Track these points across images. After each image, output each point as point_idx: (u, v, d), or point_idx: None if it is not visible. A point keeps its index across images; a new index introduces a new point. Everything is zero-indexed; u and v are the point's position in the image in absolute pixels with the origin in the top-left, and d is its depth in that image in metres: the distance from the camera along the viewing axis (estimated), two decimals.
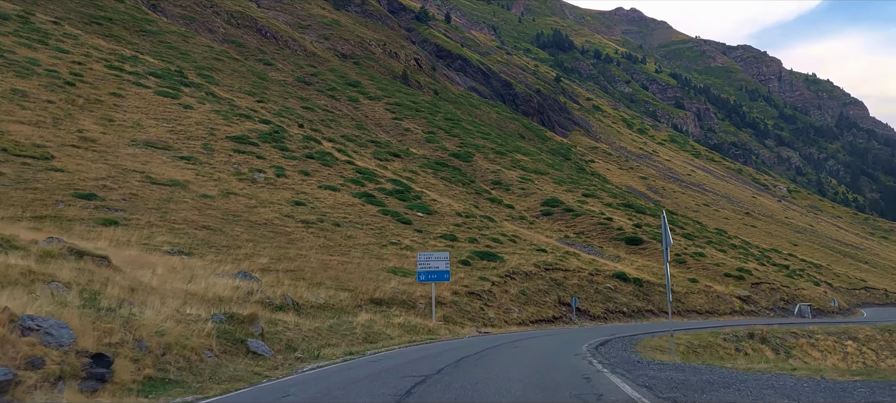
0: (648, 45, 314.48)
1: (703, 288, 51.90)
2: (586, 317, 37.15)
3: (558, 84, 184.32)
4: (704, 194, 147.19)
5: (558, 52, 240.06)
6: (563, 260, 42.83)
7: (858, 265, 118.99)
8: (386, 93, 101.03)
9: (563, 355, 14.64)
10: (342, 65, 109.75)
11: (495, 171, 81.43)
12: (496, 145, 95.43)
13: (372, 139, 71.90)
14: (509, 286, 33.72)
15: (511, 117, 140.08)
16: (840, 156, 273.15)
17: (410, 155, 71.82)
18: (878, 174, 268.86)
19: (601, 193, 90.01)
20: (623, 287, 43.68)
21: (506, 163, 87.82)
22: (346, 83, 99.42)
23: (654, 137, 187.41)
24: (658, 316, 43.25)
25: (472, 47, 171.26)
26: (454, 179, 67.79)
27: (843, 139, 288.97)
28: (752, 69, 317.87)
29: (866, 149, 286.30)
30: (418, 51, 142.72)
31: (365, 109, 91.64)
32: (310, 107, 75.32)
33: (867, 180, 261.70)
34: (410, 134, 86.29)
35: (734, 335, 31.11)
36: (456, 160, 79.98)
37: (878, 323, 49.05)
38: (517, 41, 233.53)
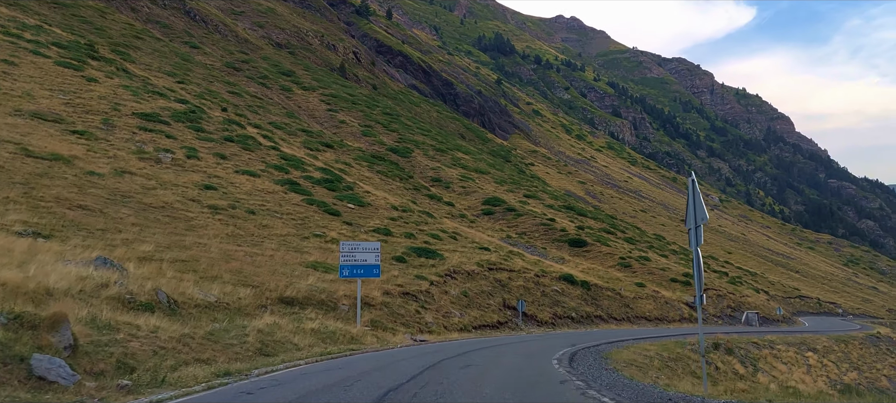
0: (587, 53, 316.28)
1: (651, 294, 48.80)
2: (533, 322, 33.17)
3: (499, 87, 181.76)
4: (641, 200, 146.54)
5: (499, 56, 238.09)
6: (507, 260, 38.83)
7: (790, 274, 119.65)
8: (321, 85, 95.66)
9: (539, 379, 10.34)
10: (276, 53, 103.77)
11: (435, 169, 77.25)
12: (436, 142, 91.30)
13: (303, 128, 66.67)
14: (450, 286, 29.43)
15: (452, 117, 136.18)
16: (767, 169, 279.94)
17: (345, 146, 66.94)
18: (803, 187, 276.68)
19: (542, 195, 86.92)
20: (571, 290, 39.98)
21: (446, 160, 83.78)
22: (280, 72, 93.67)
23: (592, 143, 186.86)
24: (608, 322, 39.72)
25: (413, 45, 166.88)
26: (391, 174, 63.23)
27: (770, 152, 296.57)
28: (686, 81, 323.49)
29: (792, 162, 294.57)
30: (358, 45, 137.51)
31: (298, 99, 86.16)
32: (237, 92, 69.53)
33: (792, 192, 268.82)
34: (346, 126, 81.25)
35: (708, 346, 27.58)
36: (394, 155, 75.40)
37: (830, 333, 46.94)
38: (459, 43, 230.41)
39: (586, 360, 15.52)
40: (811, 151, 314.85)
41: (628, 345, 22.70)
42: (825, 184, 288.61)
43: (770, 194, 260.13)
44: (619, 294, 45.00)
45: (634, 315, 43.51)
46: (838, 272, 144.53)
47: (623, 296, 44.98)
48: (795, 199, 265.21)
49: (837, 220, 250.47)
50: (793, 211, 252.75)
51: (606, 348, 20.88)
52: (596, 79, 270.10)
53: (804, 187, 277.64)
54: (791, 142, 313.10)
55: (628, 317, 42.52)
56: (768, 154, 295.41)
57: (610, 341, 24.33)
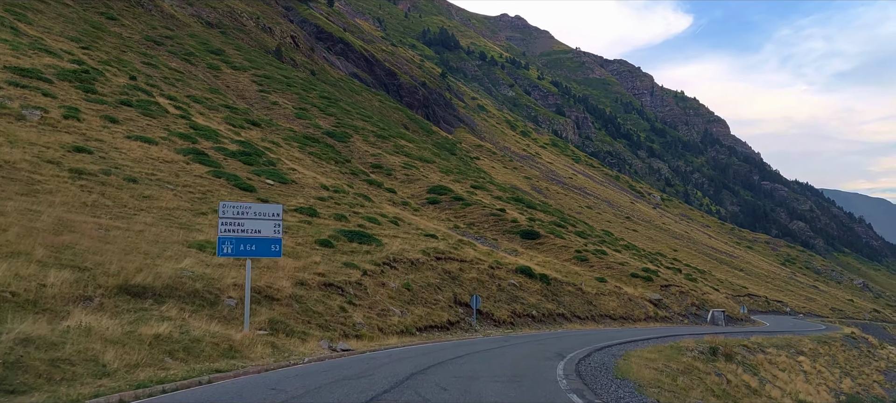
0: (531, 52, 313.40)
1: (614, 290, 43.48)
2: (489, 322, 27.15)
3: (444, 80, 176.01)
4: (586, 197, 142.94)
5: (444, 51, 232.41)
6: (457, 249, 32.73)
7: (735, 272, 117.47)
8: (254, 66, 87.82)
9: None
10: (205, 31, 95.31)
11: (376, 155, 70.75)
12: (378, 129, 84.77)
13: (228, 105, 59.21)
14: (389, 277, 23.15)
15: (395, 107, 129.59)
16: (705, 170, 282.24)
17: (275, 126, 59.81)
18: (738, 188, 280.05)
19: (490, 186, 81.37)
20: (529, 284, 34.15)
21: (388, 147, 77.34)
22: (208, 50, 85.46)
23: (536, 140, 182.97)
24: (571, 321, 34.05)
25: (355, 33, 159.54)
26: (326, 156, 56.45)
27: (707, 154, 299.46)
28: (627, 83, 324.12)
29: (727, 164, 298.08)
30: (296, 29, 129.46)
31: (227, 78, 78.26)
32: (153, 64, 61.48)
33: (728, 193, 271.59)
34: (278, 108, 73.85)
35: (699, 351, 22.07)
36: (330, 139, 68.53)
37: (807, 334, 42.63)
38: (403, 36, 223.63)
39: (600, 379, 9.51)
40: (745, 154, 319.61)
41: (627, 353, 16.95)
42: (759, 185, 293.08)
43: (707, 195, 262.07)
44: (581, 289, 39.47)
45: (599, 313, 38.02)
46: (780, 271, 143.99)
47: (585, 292, 39.48)
48: (731, 200, 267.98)
49: (771, 221, 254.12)
50: (729, 211, 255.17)
51: (603, 358, 15.01)
52: (540, 77, 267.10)
53: (739, 188, 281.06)
54: (727, 145, 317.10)
55: (592, 316, 37.00)
56: (705, 155, 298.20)
57: (597, 347, 18.61)
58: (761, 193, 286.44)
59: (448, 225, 49.49)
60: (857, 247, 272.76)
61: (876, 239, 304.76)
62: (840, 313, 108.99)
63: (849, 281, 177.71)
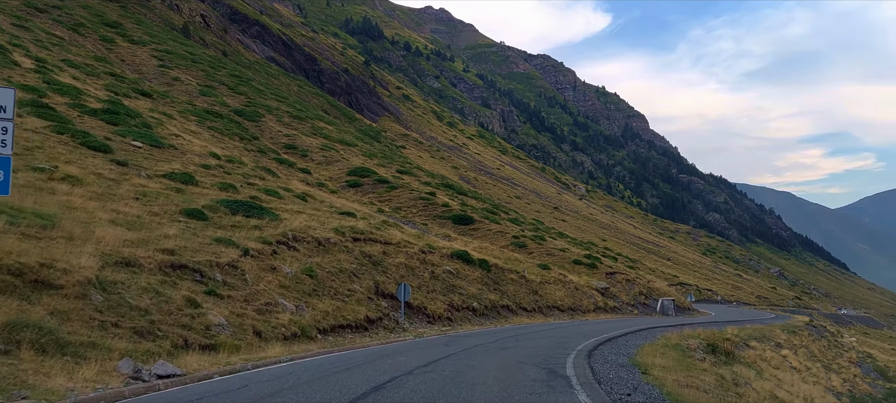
0: (456, 45, 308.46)
1: (559, 278, 38.09)
2: (422, 318, 21.01)
3: (368, 68, 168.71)
4: (514, 188, 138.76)
5: (368, 40, 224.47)
6: (380, 230, 26.43)
7: (663, 261, 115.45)
8: (156, 41, 78.68)
9: None
10: (101, 3, 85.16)
11: (290, 136, 63.55)
12: (294, 110, 77.34)
13: (114, 73, 50.80)
14: (284, 259, 16.69)
15: (315, 93, 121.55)
16: (626, 163, 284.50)
17: (171, 99, 51.81)
18: (657, 181, 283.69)
19: (418, 172, 75.19)
20: (468, 271, 28.18)
21: (305, 128, 70.15)
22: (102, 22, 75.93)
23: (463, 131, 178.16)
24: (517, 314, 28.30)
25: (273, 17, 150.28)
26: (229, 132, 49.00)
27: (628, 148, 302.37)
28: (551, 77, 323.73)
29: (647, 158, 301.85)
30: (208, 9, 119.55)
31: (122, 52, 69.21)
32: (27, 28, 52.41)
33: (649, 186, 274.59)
34: (180, 84, 65.48)
35: (700, 349, 16.57)
36: (239, 117, 60.85)
37: (772, 323, 38.49)
38: (325, 24, 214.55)
39: None
40: (664, 148, 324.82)
41: (635, 350, 11.07)
42: (677, 178, 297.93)
43: (629, 187, 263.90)
44: (524, 277, 33.81)
45: (546, 304, 32.44)
46: (705, 260, 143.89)
47: (529, 280, 33.84)
48: (651, 192, 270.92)
49: (689, 213, 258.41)
50: (649, 203, 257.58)
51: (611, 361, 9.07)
52: (465, 70, 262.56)
53: (659, 181, 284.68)
54: (646, 139, 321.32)
55: (539, 307, 31.38)
56: (626, 149, 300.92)
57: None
58: (679, 186, 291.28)
59: (372, 209, 43.06)
60: (768, 238, 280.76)
61: (785, 230, 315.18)
62: (765, 300, 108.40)
63: (765, 269, 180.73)
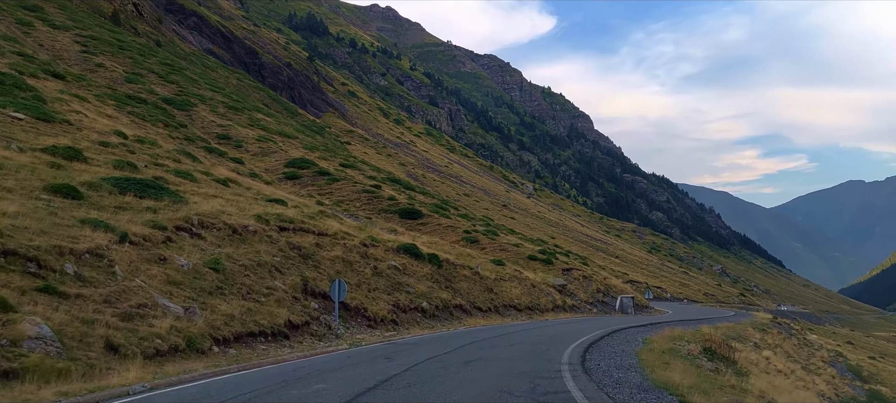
0: (403, 44, 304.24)
1: (514, 274, 34.96)
2: (361, 321, 17.44)
3: (312, 63, 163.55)
4: (463, 185, 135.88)
5: (313, 36, 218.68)
6: (314, 220, 22.73)
7: (611, 259, 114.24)
8: (80, 27, 72.70)
9: None
10: None
11: (225, 127, 58.98)
12: (231, 100, 72.50)
13: (23, 53, 45.49)
14: (181, 248, 12.96)
15: (255, 86, 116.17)
16: (572, 163, 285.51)
17: (89, 82, 46.76)
18: (602, 180, 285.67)
19: (363, 166, 71.28)
20: (416, 267, 24.71)
21: (242, 120, 65.51)
22: (21, 6, 69.66)
23: (410, 129, 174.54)
24: (472, 314, 24.96)
25: (212, 9, 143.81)
26: (152, 119, 44.33)
27: (573, 148, 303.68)
28: (498, 77, 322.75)
29: (592, 157, 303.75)
30: None
31: (41, 36, 63.24)
32: None
33: (594, 185, 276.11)
34: (104, 70, 60.03)
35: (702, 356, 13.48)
36: (167, 105, 55.94)
37: (737, 321, 36.21)
38: (267, 19, 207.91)
39: None
40: (608, 148, 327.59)
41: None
42: (621, 178, 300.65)
43: (574, 186, 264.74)
44: (478, 274, 30.51)
45: (502, 303, 29.21)
46: (652, 258, 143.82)
47: (483, 277, 30.56)
48: (597, 191, 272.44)
49: (633, 211, 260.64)
50: (595, 202, 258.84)
51: None
52: (412, 68, 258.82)
53: (603, 180, 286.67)
54: (591, 139, 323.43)
55: (495, 307, 28.12)
56: (572, 149, 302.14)
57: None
58: (623, 185, 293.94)
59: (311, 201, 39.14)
60: (708, 236, 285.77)
61: (724, 229, 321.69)
62: (713, 297, 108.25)
63: (709, 267, 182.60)
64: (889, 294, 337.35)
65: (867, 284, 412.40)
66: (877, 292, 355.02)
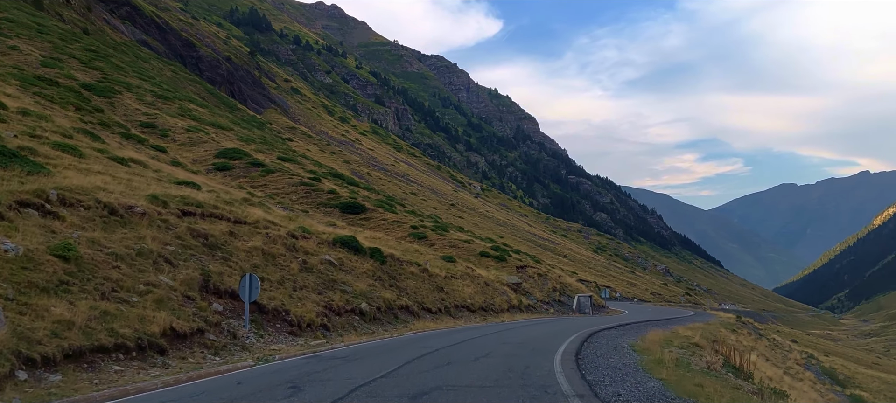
0: (349, 42, 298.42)
1: (466, 271, 31.69)
2: (282, 326, 13.80)
3: (253, 58, 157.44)
4: (410, 184, 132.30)
5: (255, 32, 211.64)
6: (232, 206, 18.93)
7: (560, 258, 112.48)
8: None
9: None
10: None
11: (151, 115, 54.06)
12: (161, 90, 67.33)
13: None
14: (15, 228, 8.94)
15: (191, 79, 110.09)
16: (518, 164, 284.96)
17: None
18: (548, 182, 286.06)
19: (303, 161, 67.10)
20: (355, 262, 21.13)
21: (172, 109, 60.58)
22: None
23: (356, 127, 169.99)
24: (420, 317, 21.53)
25: None
26: (63, 101, 39.44)
27: (520, 149, 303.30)
28: (445, 78, 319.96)
29: (538, 159, 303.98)
30: None
31: None
32: None
33: (540, 186, 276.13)
34: (17, 53, 54.30)
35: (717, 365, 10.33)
36: (87, 92, 50.73)
37: (709, 322, 33.78)
38: (208, 13, 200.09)
39: None
40: (554, 150, 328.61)
41: None
42: (566, 179, 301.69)
43: (521, 187, 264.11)
44: (426, 270, 27.11)
45: (454, 303, 25.87)
46: (599, 258, 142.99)
47: (432, 275, 27.16)
48: (543, 192, 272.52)
49: (578, 212, 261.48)
50: (541, 202, 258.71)
51: None
52: (358, 66, 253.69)
53: (549, 182, 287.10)
54: (537, 141, 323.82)
55: (446, 307, 24.76)
56: (518, 151, 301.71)
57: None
58: (568, 186, 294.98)
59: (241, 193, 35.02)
60: (651, 237, 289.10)
61: (665, 230, 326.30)
62: (660, 297, 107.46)
63: (653, 267, 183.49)
64: (820, 293, 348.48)
65: (799, 284, 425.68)
66: (809, 291, 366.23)
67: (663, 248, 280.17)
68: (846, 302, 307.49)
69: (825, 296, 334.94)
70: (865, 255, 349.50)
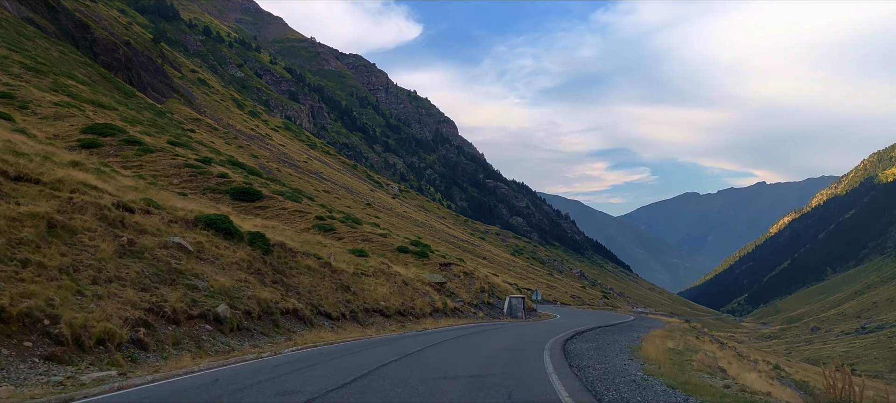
0: (263, 37, 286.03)
1: (381, 268, 25.88)
2: (35, 344, 7.50)
3: (157, 46, 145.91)
4: (323, 182, 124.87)
5: (161, 21, 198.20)
6: (31, 163, 12.34)
7: (480, 260, 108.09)
8: None
9: None
10: None
11: (14, 86, 45.55)
12: (35, 63, 58.24)
13: None
14: None
15: (82, 62, 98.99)
16: (436, 167, 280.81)
17: None
18: (466, 185, 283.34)
19: (199, 147, 59.42)
20: (224, 250, 14.96)
21: (44, 83, 51.92)
22: None
23: (267, 122, 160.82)
24: (314, 325, 15.55)
25: None
26: None
27: (438, 152, 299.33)
28: (363, 78, 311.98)
29: (457, 162, 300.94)
30: None
31: None
32: None
33: (458, 189, 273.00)
34: None
35: None
36: None
37: (667, 329, 29.24)
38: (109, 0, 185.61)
39: None
40: (472, 154, 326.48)
41: None
42: (484, 183, 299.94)
43: (439, 190, 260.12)
44: (329, 265, 21.12)
45: (363, 306, 20.00)
46: (518, 260, 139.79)
47: (336, 270, 21.21)
48: (461, 195, 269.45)
49: (495, 216, 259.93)
50: (459, 205, 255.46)
51: None
52: (273, 62, 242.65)
53: (467, 185, 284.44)
54: (456, 145, 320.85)
55: (353, 312, 18.86)
56: (437, 153, 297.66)
57: None
58: (486, 190, 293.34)
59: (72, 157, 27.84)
60: (564, 241, 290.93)
61: (578, 235, 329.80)
62: (579, 299, 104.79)
63: (568, 270, 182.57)
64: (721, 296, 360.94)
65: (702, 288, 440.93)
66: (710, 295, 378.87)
67: (577, 253, 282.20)
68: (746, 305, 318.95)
69: (726, 300, 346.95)
70: (763, 261, 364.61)
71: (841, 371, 8.83)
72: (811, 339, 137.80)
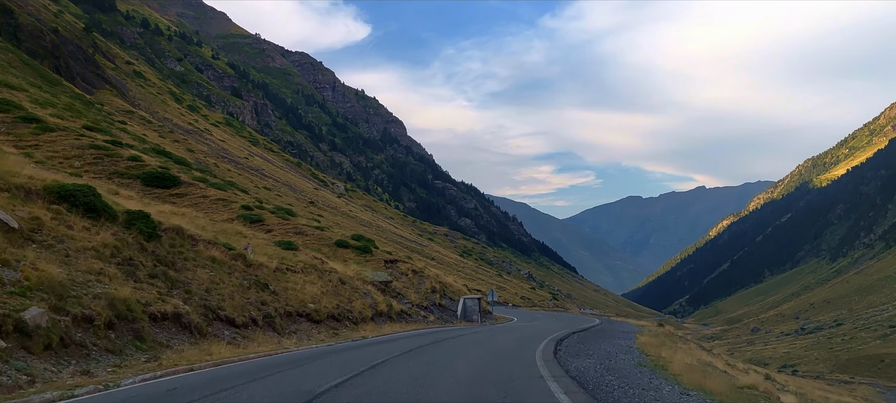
0: (206, 32, 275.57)
1: (313, 263, 21.61)
2: None
3: (89, 35, 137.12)
4: (264, 179, 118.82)
5: (96, 11, 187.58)
6: None
7: (428, 261, 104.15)
8: None
9: None
10: None
11: None
12: None
13: None
14: None
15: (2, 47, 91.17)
16: (384, 167, 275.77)
17: None
18: (415, 186, 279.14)
19: (122, 135, 53.78)
20: (77, 232, 10.52)
21: None
22: None
23: (207, 117, 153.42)
24: (205, 336, 11.19)
25: None
26: None
27: (386, 152, 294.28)
28: (309, 76, 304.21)
29: (405, 163, 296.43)
30: None
31: None
32: None
33: (406, 190, 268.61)
34: None
35: None
36: None
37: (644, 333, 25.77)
38: None
39: None
40: (421, 155, 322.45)
41: None
42: (433, 184, 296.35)
43: (387, 190, 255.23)
44: (243, 257, 16.76)
45: (285, 310, 15.73)
46: (467, 261, 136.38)
47: (252, 264, 16.86)
48: (409, 196, 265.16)
49: (443, 217, 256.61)
50: (407, 206, 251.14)
51: None
52: (215, 57, 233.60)
53: (416, 186, 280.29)
54: (404, 145, 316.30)
55: (268, 317, 14.58)
56: (385, 153, 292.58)
57: None
58: (435, 191, 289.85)
59: None
60: (512, 243, 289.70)
61: (526, 237, 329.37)
62: (529, 301, 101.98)
63: (516, 271, 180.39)
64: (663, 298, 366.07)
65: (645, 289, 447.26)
66: (653, 296, 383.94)
67: (524, 254, 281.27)
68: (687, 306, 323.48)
69: (668, 301, 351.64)
70: (703, 264, 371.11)
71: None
72: (752, 340, 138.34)
